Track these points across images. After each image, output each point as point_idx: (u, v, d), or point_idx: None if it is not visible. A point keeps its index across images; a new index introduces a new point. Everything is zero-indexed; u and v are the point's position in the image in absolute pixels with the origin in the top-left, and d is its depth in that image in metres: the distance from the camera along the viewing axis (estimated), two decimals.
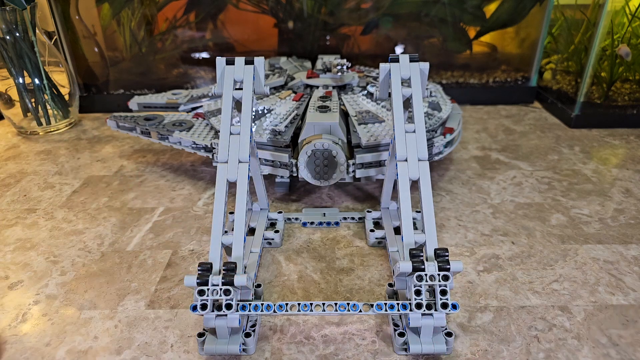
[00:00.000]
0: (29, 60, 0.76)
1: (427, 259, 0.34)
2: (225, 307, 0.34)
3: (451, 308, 0.33)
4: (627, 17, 0.77)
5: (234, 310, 0.34)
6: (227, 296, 0.34)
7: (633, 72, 0.81)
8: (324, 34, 0.89)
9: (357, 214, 0.54)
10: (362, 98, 0.60)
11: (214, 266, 0.33)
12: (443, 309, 0.32)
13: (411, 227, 0.36)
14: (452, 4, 0.85)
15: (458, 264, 0.33)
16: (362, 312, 0.34)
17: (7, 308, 0.42)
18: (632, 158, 0.69)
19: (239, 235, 0.36)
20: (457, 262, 0.33)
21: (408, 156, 0.38)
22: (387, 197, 0.52)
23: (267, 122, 0.55)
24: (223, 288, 0.33)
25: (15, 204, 0.59)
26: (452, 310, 0.33)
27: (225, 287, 0.33)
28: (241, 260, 0.36)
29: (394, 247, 0.46)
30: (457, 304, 0.33)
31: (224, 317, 0.34)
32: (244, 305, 0.35)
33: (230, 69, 0.41)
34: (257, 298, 0.41)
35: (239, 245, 0.36)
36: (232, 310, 0.34)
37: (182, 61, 0.92)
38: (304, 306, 0.34)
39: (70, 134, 0.81)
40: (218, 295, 0.34)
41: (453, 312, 0.33)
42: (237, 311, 0.34)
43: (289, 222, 0.53)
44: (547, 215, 0.55)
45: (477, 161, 0.68)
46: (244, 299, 0.37)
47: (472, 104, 0.92)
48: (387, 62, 0.41)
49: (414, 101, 0.39)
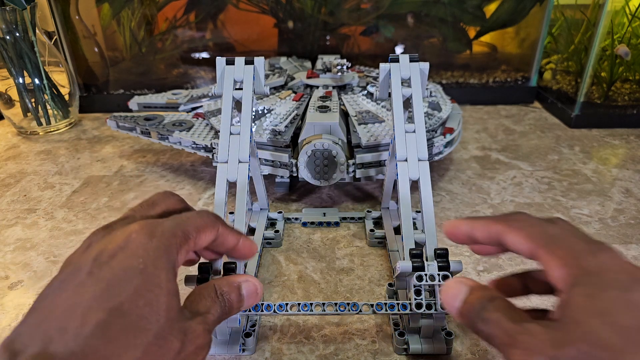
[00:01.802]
0: (29, 60, 0.76)
1: (427, 259, 0.34)
2: None
3: None
4: (627, 17, 0.77)
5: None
6: None
7: (633, 72, 0.81)
8: (324, 34, 0.89)
9: (357, 214, 0.54)
10: (362, 98, 0.60)
11: (213, 266, 0.33)
12: (443, 309, 0.32)
13: (411, 227, 0.36)
14: (452, 4, 0.85)
15: (458, 264, 0.33)
16: (362, 312, 0.34)
17: (7, 308, 0.42)
18: (632, 158, 0.69)
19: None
20: (457, 262, 0.33)
21: (408, 156, 0.38)
22: (387, 197, 0.52)
23: (267, 122, 0.55)
24: None
25: (15, 204, 0.59)
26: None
27: None
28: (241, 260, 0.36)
29: (394, 247, 0.46)
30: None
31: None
32: None
33: (230, 69, 0.41)
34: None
35: None
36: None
37: (182, 61, 0.92)
38: (303, 306, 0.34)
39: (70, 134, 0.81)
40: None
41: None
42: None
43: (289, 222, 0.53)
44: (547, 215, 0.55)
45: (477, 161, 0.68)
46: None
47: (472, 104, 0.92)
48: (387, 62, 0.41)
49: (414, 101, 0.39)
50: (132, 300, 0.21)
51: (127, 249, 0.23)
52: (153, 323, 0.22)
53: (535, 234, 0.25)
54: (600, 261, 0.23)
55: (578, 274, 0.23)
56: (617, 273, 0.22)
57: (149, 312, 0.22)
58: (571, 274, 0.23)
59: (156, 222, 0.25)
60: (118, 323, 0.20)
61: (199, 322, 0.25)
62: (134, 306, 0.21)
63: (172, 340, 0.22)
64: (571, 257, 0.23)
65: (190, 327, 0.24)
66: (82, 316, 0.20)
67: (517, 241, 0.26)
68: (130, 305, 0.21)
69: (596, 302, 0.21)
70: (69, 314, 0.21)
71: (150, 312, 0.22)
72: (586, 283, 0.22)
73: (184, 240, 0.25)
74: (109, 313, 0.20)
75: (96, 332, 0.20)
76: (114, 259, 0.23)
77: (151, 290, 0.22)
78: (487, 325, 0.24)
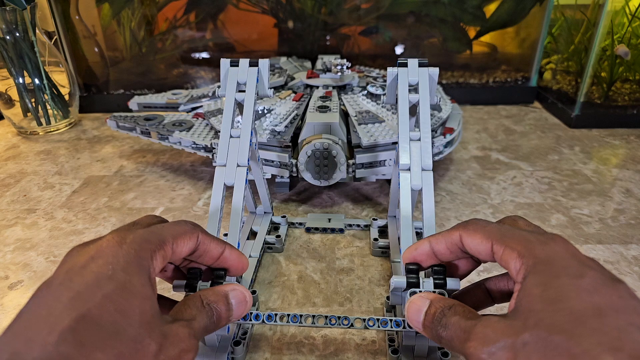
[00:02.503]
0: (29, 60, 0.76)
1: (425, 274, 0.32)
2: None
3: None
4: (627, 17, 0.77)
5: None
6: None
7: (633, 72, 0.81)
8: (324, 34, 0.89)
9: (363, 221, 0.52)
10: (362, 98, 0.60)
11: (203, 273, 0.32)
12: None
13: (410, 240, 0.34)
14: (452, 4, 0.85)
15: (455, 282, 0.31)
16: (354, 326, 0.33)
17: (7, 308, 0.42)
18: (632, 158, 0.69)
19: (233, 241, 0.36)
20: (455, 280, 0.31)
21: (411, 165, 0.36)
22: (393, 205, 0.50)
23: (267, 122, 0.55)
24: None
25: (15, 204, 0.59)
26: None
27: None
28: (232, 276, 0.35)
29: (397, 258, 0.45)
30: None
31: None
32: None
33: (234, 71, 0.41)
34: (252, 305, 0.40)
35: None
36: None
37: (182, 61, 0.92)
38: (293, 317, 0.33)
39: (70, 134, 0.81)
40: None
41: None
42: None
43: (292, 227, 0.53)
44: (547, 215, 0.55)
45: (477, 161, 0.68)
46: None
47: (472, 104, 0.92)
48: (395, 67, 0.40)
49: (420, 108, 0.38)
50: (101, 305, 0.21)
51: (97, 258, 0.23)
52: (126, 327, 0.21)
53: (490, 232, 0.26)
54: (552, 250, 0.24)
55: (531, 263, 0.23)
56: (567, 260, 0.23)
57: (120, 317, 0.21)
58: (525, 264, 0.24)
59: (129, 231, 0.25)
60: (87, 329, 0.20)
61: (182, 326, 0.25)
62: (104, 312, 0.21)
63: (149, 343, 0.22)
64: (524, 248, 0.24)
65: (171, 330, 0.24)
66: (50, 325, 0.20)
67: (475, 241, 0.27)
68: (99, 311, 0.21)
69: (549, 290, 0.22)
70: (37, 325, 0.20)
71: (122, 317, 0.21)
72: (539, 272, 0.23)
73: (158, 246, 0.25)
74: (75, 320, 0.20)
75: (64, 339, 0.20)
76: (85, 268, 0.23)
77: (121, 296, 0.22)
78: (446, 329, 0.25)
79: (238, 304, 0.29)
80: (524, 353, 0.20)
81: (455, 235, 0.28)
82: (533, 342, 0.20)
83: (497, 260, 0.26)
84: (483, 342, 0.22)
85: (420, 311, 0.27)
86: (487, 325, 0.22)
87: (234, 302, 0.29)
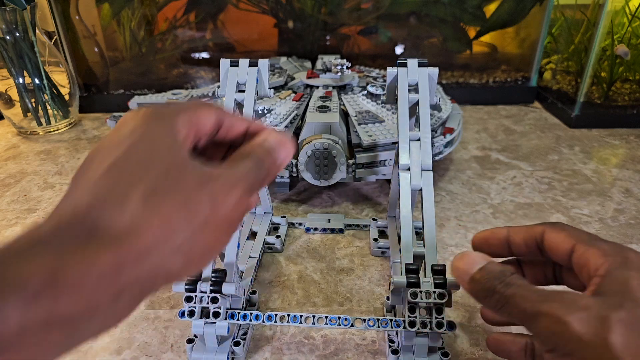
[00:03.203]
0: (29, 60, 0.76)
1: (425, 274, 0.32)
2: (213, 315, 0.33)
3: (447, 327, 0.31)
4: (627, 17, 0.77)
5: (222, 318, 0.33)
6: (215, 304, 0.33)
7: (633, 72, 0.82)
8: (324, 34, 0.89)
9: (363, 221, 0.52)
10: (362, 98, 0.60)
11: (203, 272, 0.32)
12: (438, 328, 0.31)
13: (410, 240, 0.34)
14: (452, 4, 0.85)
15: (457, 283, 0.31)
16: (354, 326, 0.33)
17: None
18: (632, 158, 0.69)
19: (233, 242, 0.36)
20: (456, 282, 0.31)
21: (411, 165, 0.36)
22: (393, 205, 0.50)
23: (266, 122, 0.55)
24: (211, 296, 0.33)
25: (15, 204, 0.59)
26: (448, 330, 0.31)
27: (213, 294, 0.33)
28: (233, 267, 0.35)
29: (397, 258, 0.44)
30: (455, 323, 0.32)
31: (212, 324, 0.34)
32: (233, 314, 0.34)
33: (234, 71, 0.41)
34: (252, 305, 0.40)
35: (231, 251, 0.35)
36: (220, 318, 0.33)
37: (182, 61, 0.92)
38: (293, 317, 0.33)
39: (70, 134, 0.81)
40: (206, 303, 0.33)
41: (449, 332, 0.32)
42: (225, 319, 0.34)
43: (292, 227, 0.53)
44: (547, 215, 0.55)
45: (477, 161, 0.68)
46: (234, 307, 0.36)
47: (472, 104, 0.92)
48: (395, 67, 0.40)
49: (420, 108, 0.38)
50: (128, 150, 0.20)
51: (118, 130, 0.22)
52: (155, 156, 0.20)
53: (578, 235, 0.27)
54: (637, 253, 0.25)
55: (621, 261, 0.24)
56: None
57: (148, 148, 0.20)
58: (612, 262, 0.24)
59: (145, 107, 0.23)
60: (119, 168, 0.20)
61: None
62: (132, 154, 0.20)
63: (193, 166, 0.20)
64: (611, 249, 0.25)
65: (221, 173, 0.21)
66: (86, 182, 0.21)
67: (559, 239, 0.27)
68: (126, 155, 0.20)
69: None
70: (77, 187, 0.21)
71: (150, 147, 0.20)
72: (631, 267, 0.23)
73: (180, 111, 0.22)
74: (107, 168, 0.20)
75: (101, 184, 0.20)
76: (106, 139, 0.22)
77: (145, 142, 0.21)
78: (509, 287, 0.24)
79: (279, 148, 0.24)
80: (619, 327, 0.21)
81: (539, 229, 0.28)
82: (631, 321, 0.21)
83: (573, 260, 0.26)
84: (571, 307, 0.22)
85: (476, 263, 0.26)
86: (574, 294, 0.23)
87: (275, 148, 0.24)
